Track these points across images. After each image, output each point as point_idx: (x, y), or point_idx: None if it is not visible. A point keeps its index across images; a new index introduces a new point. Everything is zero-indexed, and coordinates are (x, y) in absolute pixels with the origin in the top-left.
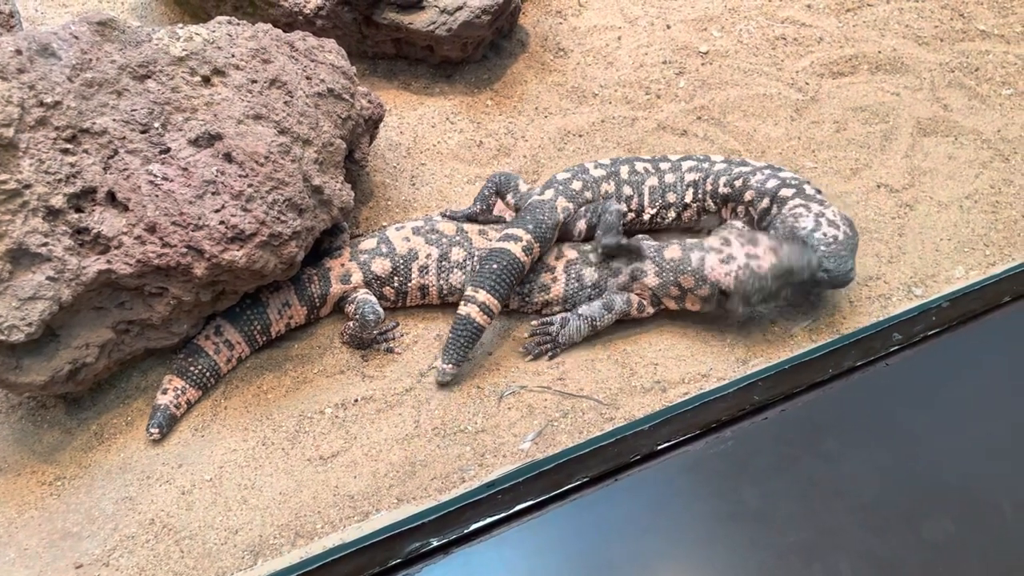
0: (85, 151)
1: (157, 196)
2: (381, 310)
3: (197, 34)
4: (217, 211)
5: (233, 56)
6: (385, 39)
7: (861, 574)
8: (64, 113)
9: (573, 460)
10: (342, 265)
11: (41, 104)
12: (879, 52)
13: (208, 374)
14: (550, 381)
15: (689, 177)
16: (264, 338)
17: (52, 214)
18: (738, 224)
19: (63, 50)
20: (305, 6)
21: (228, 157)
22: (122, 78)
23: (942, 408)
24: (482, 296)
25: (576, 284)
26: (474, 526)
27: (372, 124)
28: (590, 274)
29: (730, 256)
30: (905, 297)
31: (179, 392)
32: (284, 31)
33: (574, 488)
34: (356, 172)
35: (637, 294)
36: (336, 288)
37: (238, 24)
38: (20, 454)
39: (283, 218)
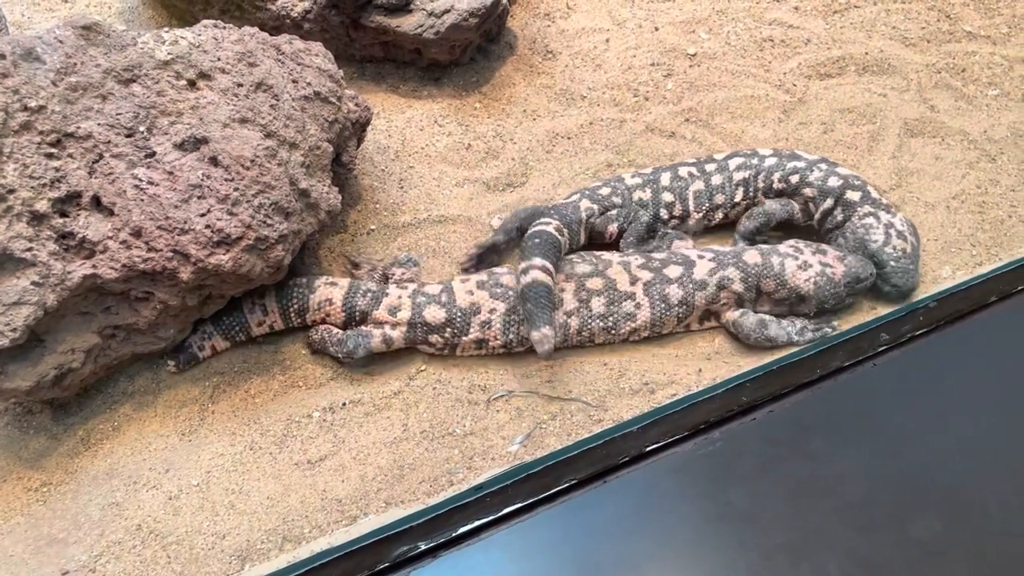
0: (70, 155)
1: (142, 200)
2: (368, 352)
3: (183, 38)
4: (203, 215)
5: (219, 60)
6: (373, 42)
7: (848, 573)
8: (48, 117)
9: (561, 462)
10: (399, 297)
11: (25, 108)
12: (866, 53)
13: (238, 328)
14: (538, 384)
15: (738, 176)
16: (299, 319)
17: (36, 219)
18: (774, 206)
19: (48, 54)
20: (292, 9)
21: (214, 161)
22: (107, 82)
23: (929, 408)
24: (538, 262)
25: (663, 306)
26: (462, 529)
27: (359, 127)
28: (676, 293)
29: (806, 263)
30: None
31: (206, 335)
32: (271, 35)
33: (563, 490)
34: (343, 175)
35: (724, 302)
36: (380, 314)
37: (224, 28)
38: (6, 460)
39: (269, 222)
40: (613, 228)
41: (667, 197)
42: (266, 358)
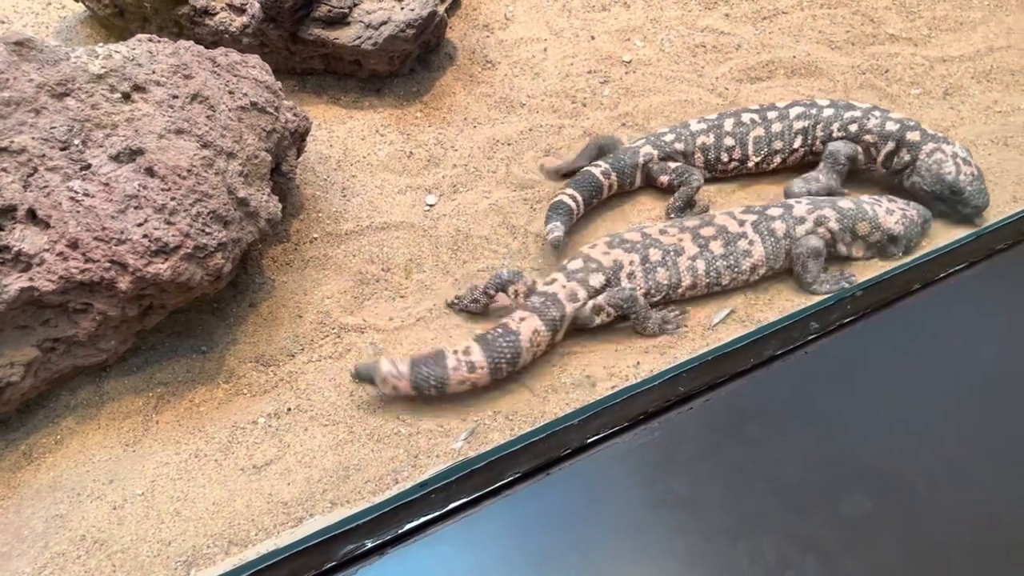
0: (3, 169)
1: (78, 212)
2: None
3: (117, 52)
4: (140, 225)
5: (154, 72)
6: (313, 55)
7: (784, 553)
8: None
9: (505, 456)
10: (563, 287)
11: None
12: (794, 57)
13: (432, 382)
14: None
15: (798, 125)
16: (510, 369)
17: None
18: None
19: None
20: (231, 24)
21: (150, 171)
22: (40, 96)
23: (857, 392)
24: (570, 191)
25: (772, 239)
26: (408, 526)
27: (298, 137)
28: (780, 227)
29: (889, 209)
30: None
31: (398, 375)
32: (211, 49)
33: (507, 484)
34: (284, 185)
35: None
36: (569, 308)
37: (159, 42)
38: None
39: (208, 230)
40: (664, 179)
41: (728, 142)
42: (211, 367)
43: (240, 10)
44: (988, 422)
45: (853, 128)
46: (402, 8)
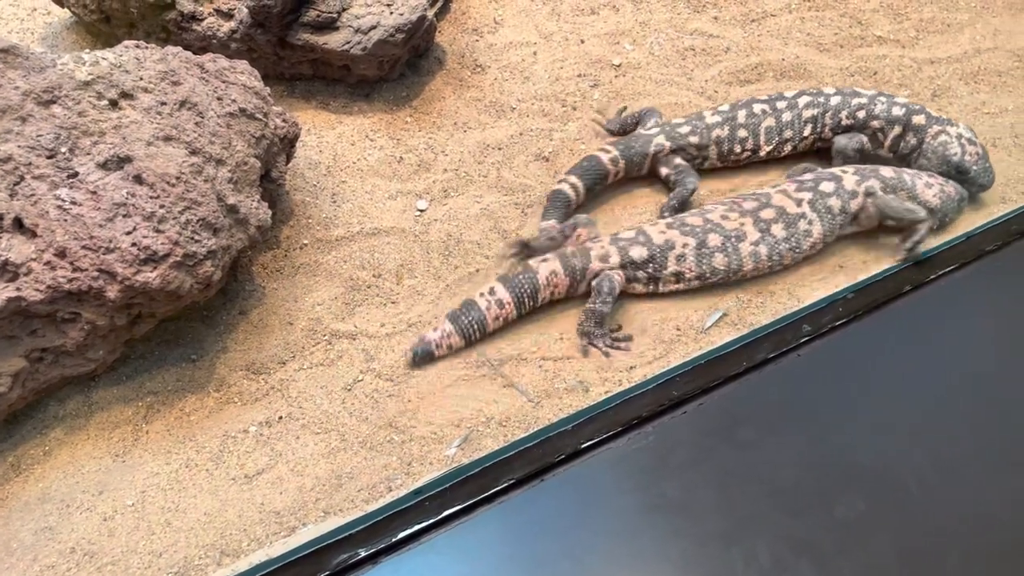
0: None
1: (66, 221)
2: (618, 288)
3: (104, 58)
4: (128, 233)
5: (141, 79)
6: (301, 60)
7: (779, 555)
8: None
9: (499, 463)
10: (602, 247)
11: None
12: (783, 60)
13: (475, 327)
14: (487, 372)
15: (807, 113)
16: (531, 303)
17: None
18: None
19: None
20: (219, 30)
21: (138, 179)
22: (26, 104)
23: (850, 394)
24: (572, 179)
25: (829, 217)
26: (402, 534)
27: (288, 143)
28: (836, 203)
29: (928, 183)
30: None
31: (446, 334)
32: (197, 55)
33: (501, 490)
34: (274, 191)
35: (867, 210)
36: (595, 264)
37: (146, 48)
38: None
39: (197, 238)
40: (664, 172)
41: (742, 133)
42: (200, 376)
43: (228, 15)
44: (979, 423)
45: (861, 115)
46: (391, 13)
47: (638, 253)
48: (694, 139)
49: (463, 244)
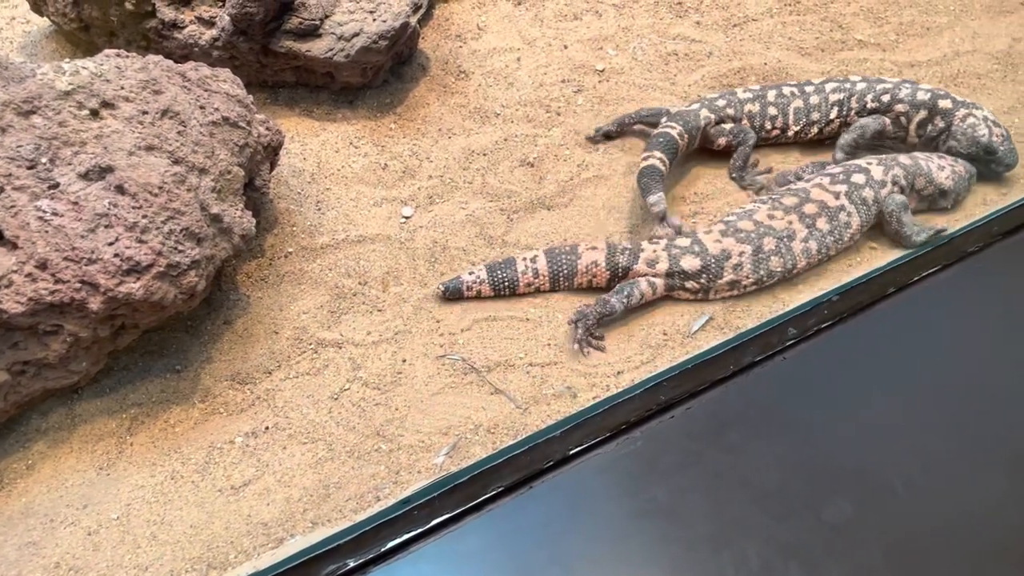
0: None
1: (47, 232)
2: (642, 300)
3: (84, 68)
4: (111, 244)
5: (122, 88)
6: (284, 67)
7: (767, 559)
8: None
9: (488, 471)
10: (654, 251)
11: None
12: (765, 64)
13: (507, 283)
14: (474, 379)
15: (833, 97)
16: (566, 283)
17: None
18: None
19: None
20: (200, 38)
21: (120, 189)
22: (5, 114)
23: (836, 397)
24: (657, 154)
25: (864, 208)
26: (391, 544)
27: (271, 151)
28: (869, 193)
29: (940, 165)
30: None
31: (479, 280)
32: (179, 63)
33: (490, 498)
34: (258, 199)
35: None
36: (640, 267)
37: (127, 56)
38: None
39: (181, 248)
40: (723, 140)
41: (771, 111)
42: (185, 386)
43: (209, 23)
44: (964, 423)
45: (886, 99)
46: (374, 20)
47: (690, 264)
48: (730, 111)
49: (449, 250)
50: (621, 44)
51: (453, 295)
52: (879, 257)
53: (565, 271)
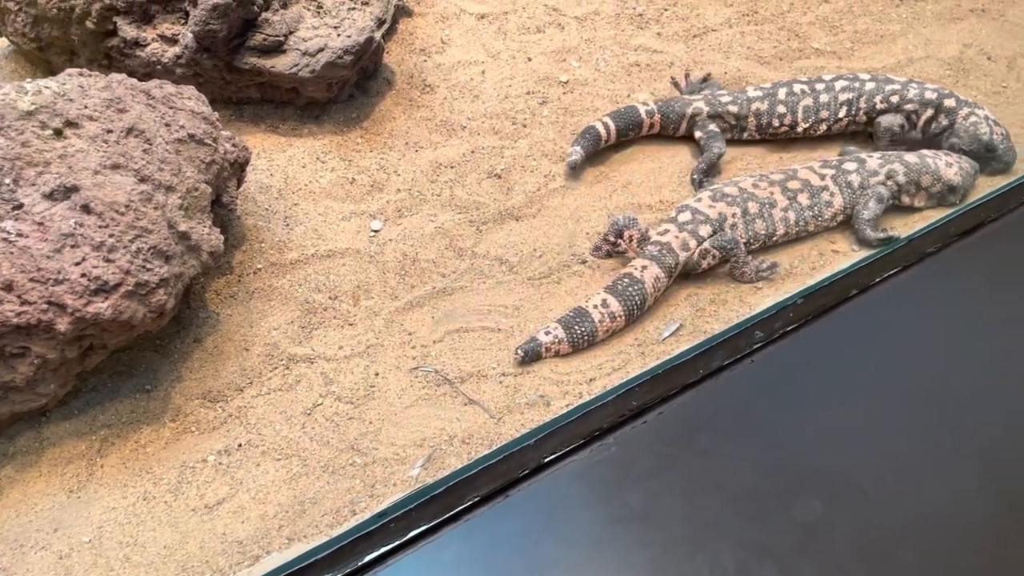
0: None
1: (12, 253)
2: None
3: (46, 87)
4: (78, 264)
5: (86, 107)
6: (249, 84)
7: (741, 560)
8: None
9: (463, 481)
10: (676, 237)
11: None
12: (725, 73)
13: (586, 338)
14: (448, 391)
15: (843, 96)
16: (639, 312)
17: None
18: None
19: None
20: (163, 55)
21: (86, 208)
22: None
23: (803, 398)
24: (606, 119)
25: (849, 191)
26: (368, 557)
27: (238, 167)
28: (856, 179)
29: (948, 162)
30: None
31: (558, 340)
32: (142, 81)
33: (466, 508)
34: (225, 216)
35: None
36: (682, 256)
37: (90, 75)
38: None
39: (149, 266)
40: (696, 135)
41: (780, 109)
42: (155, 406)
43: (172, 41)
44: (929, 421)
45: (895, 99)
46: (339, 35)
47: (705, 231)
48: (733, 108)
49: (419, 263)
50: (584, 56)
51: (532, 358)
52: (842, 260)
53: (638, 301)
